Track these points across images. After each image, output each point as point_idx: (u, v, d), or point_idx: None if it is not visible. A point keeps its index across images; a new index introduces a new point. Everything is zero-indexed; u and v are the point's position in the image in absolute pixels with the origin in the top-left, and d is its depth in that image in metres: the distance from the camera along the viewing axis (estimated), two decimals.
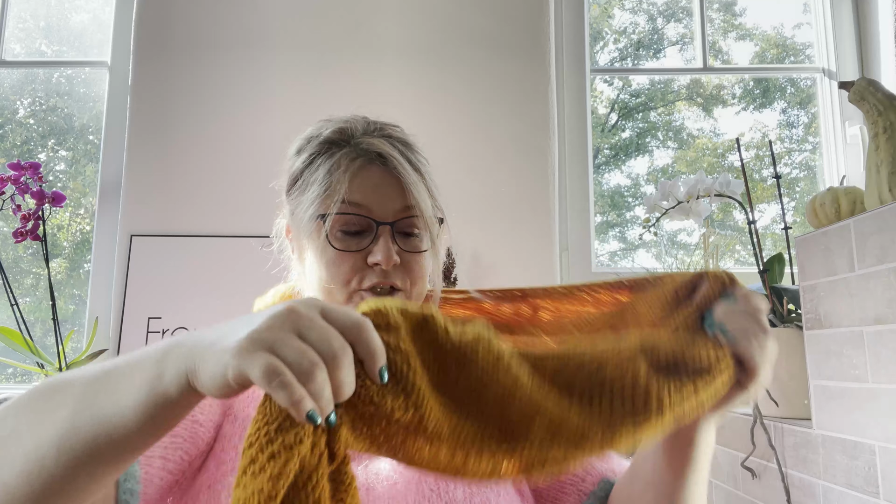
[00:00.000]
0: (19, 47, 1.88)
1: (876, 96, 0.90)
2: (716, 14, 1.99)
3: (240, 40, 1.66)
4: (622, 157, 1.99)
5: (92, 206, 1.77)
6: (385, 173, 0.68)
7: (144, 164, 1.59)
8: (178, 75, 1.64)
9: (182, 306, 1.50)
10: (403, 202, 0.67)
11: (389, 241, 0.66)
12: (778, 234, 1.80)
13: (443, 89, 1.65)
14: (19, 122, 1.87)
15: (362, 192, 0.67)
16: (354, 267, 0.67)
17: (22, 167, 1.38)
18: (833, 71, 1.78)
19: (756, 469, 1.00)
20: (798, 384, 0.98)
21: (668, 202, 1.39)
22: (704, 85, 1.94)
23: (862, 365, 0.77)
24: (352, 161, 0.68)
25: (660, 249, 1.87)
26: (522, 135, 1.63)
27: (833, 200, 0.96)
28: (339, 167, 0.68)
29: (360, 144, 0.69)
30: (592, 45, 1.88)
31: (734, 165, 1.88)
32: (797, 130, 1.92)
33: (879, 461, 0.74)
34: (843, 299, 0.80)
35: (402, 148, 0.70)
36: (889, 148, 0.85)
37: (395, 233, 0.67)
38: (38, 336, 1.70)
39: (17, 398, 0.45)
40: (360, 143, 0.69)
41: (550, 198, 1.60)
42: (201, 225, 1.57)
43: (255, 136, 1.61)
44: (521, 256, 1.57)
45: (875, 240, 0.75)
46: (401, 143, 0.71)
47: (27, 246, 1.75)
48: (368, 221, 0.67)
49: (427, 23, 1.68)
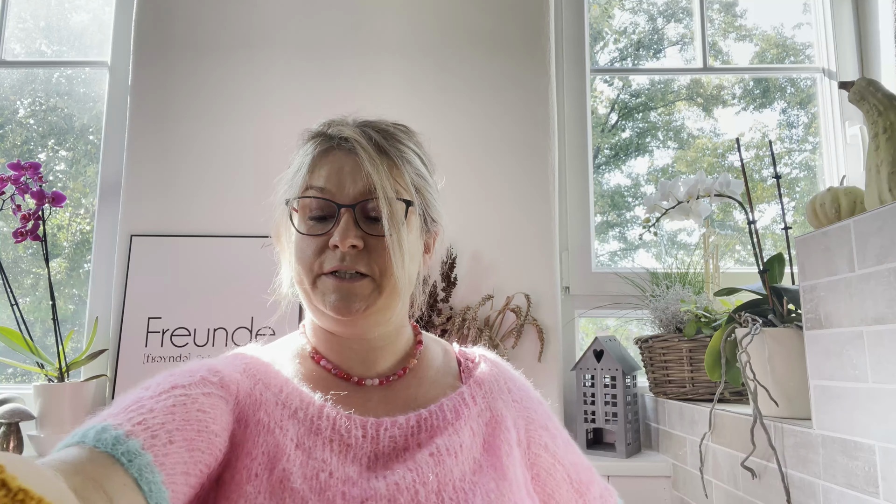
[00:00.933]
0: (19, 47, 1.88)
1: (876, 96, 0.90)
2: (716, 15, 1.99)
3: (240, 40, 1.66)
4: (622, 157, 1.99)
5: (92, 206, 1.77)
6: (346, 157, 0.68)
7: (144, 164, 1.59)
8: (178, 75, 1.64)
9: (182, 306, 1.50)
10: (364, 184, 0.67)
11: (350, 223, 0.66)
12: (778, 234, 1.80)
13: (443, 89, 1.65)
14: (19, 122, 1.87)
15: (324, 177, 0.68)
16: (317, 250, 0.67)
17: (22, 167, 1.38)
18: (833, 71, 1.78)
19: (756, 469, 1.00)
20: (798, 384, 0.98)
21: (668, 202, 1.39)
22: (704, 85, 1.94)
23: (862, 365, 0.77)
24: (320, 147, 0.70)
25: (660, 249, 1.87)
26: (522, 135, 1.63)
27: (833, 200, 0.96)
28: (308, 154, 0.70)
29: (331, 133, 0.70)
30: (592, 45, 1.88)
31: (734, 165, 1.88)
32: (797, 130, 1.92)
33: (879, 461, 0.74)
34: (843, 299, 0.80)
35: (376, 134, 0.70)
36: (889, 148, 0.85)
37: (358, 217, 0.67)
38: (38, 336, 1.70)
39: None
40: (332, 131, 0.70)
41: (550, 198, 1.60)
42: (201, 225, 1.57)
43: (256, 136, 1.61)
44: (521, 256, 1.57)
45: (875, 240, 0.75)
46: (378, 131, 0.71)
47: (27, 246, 1.75)
48: (331, 205, 0.67)
49: (427, 23, 1.68)
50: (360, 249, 0.66)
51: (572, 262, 1.67)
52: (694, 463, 1.21)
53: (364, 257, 0.66)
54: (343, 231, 0.65)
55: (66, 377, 1.41)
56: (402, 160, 0.70)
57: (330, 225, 0.67)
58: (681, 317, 1.35)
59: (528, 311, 1.51)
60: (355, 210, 0.67)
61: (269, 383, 0.66)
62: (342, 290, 0.66)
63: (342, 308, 0.65)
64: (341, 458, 0.62)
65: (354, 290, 0.66)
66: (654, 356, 1.39)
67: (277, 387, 0.67)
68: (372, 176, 0.66)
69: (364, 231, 0.67)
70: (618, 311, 1.62)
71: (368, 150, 0.68)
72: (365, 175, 0.67)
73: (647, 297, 1.45)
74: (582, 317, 1.68)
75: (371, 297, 0.67)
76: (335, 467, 0.61)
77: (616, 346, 1.45)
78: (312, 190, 0.68)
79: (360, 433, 0.64)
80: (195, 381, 0.60)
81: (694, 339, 1.30)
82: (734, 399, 1.23)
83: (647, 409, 1.49)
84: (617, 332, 1.79)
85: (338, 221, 0.66)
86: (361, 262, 0.66)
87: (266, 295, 0.78)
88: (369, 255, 0.66)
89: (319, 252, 0.67)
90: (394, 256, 0.66)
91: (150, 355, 1.46)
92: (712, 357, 1.12)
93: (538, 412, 0.76)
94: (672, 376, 1.35)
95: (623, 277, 1.61)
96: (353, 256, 0.66)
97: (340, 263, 0.65)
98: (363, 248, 0.66)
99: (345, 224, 0.65)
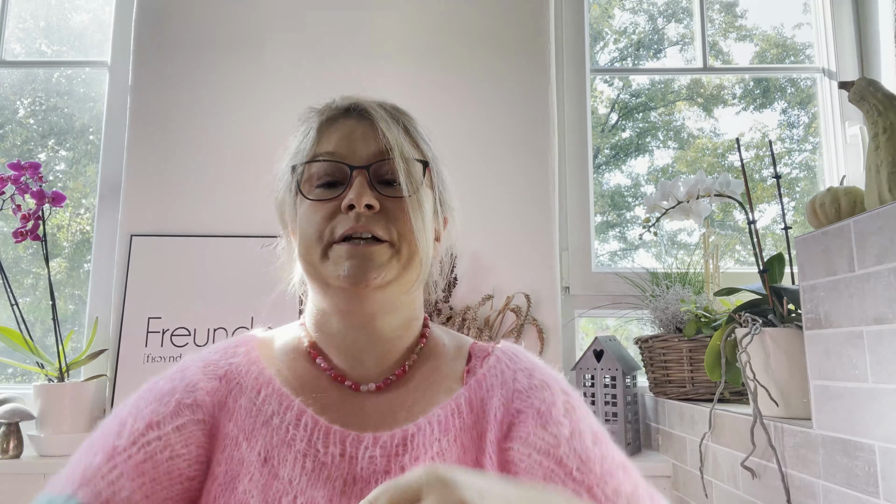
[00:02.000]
0: (19, 47, 1.88)
1: (876, 96, 0.90)
2: (716, 15, 1.99)
3: (240, 40, 1.66)
4: (622, 157, 1.99)
5: (92, 206, 1.77)
6: (358, 122, 0.65)
7: (144, 164, 1.59)
8: (178, 75, 1.64)
9: (182, 306, 1.50)
10: (378, 146, 0.63)
11: (365, 184, 0.61)
12: (778, 234, 1.80)
13: (443, 89, 1.65)
14: (19, 122, 1.87)
15: (334, 142, 0.64)
16: (327, 216, 0.62)
17: (22, 167, 1.38)
18: (833, 71, 1.78)
19: (756, 469, 1.00)
20: (798, 384, 0.98)
21: (668, 202, 1.39)
22: (705, 85, 1.94)
23: (862, 365, 0.77)
24: (325, 116, 0.67)
25: (660, 249, 1.87)
26: (522, 135, 1.63)
27: (833, 200, 0.96)
28: (313, 124, 0.67)
29: (335, 104, 0.67)
30: (592, 45, 1.88)
31: (734, 165, 1.88)
32: (797, 130, 1.92)
33: (879, 461, 0.74)
34: (843, 299, 0.80)
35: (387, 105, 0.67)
36: (889, 148, 0.85)
37: (372, 179, 0.62)
38: (38, 336, 1.70)
39: None
40: (337, 103, 0.67)
41: (550, 198, 1.60)
42: (201, 225, 1.57)
43: (256, 136, 1.61)
44: (521, 256, 1.57)
45: (875, 240, 0.75)
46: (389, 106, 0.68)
47: (27, 246, 1.75)
48: (342, 168, 0.62)
49: (427, 23, 1.68)
50: (376, 211, 0.61)
51: (572, 262, 1.67)
52: (694, 463, 1.21)
53: (381, 220, 0.61)
54: (358, 190, 0.60)
55: (66, 377, 1.41)
56: (415, 131, 0.67)
57: (338, 189, 0.62)
58: (681, 317, 1.35)
59: (528, 311, 1.51)
60: (369, 171, 0.62)
61: (247, 386, 0.63)
62: (357, 256, 0.59)
63: (358, 276, 0.59)
64: (312, 480, 0.57)
65: (371, 255, 0.60)
66: (654, 356, 1.39)
67: (256, 389, 0.63)
68: (387, 134, 0.62)
69: (380, 193, 0.62)
70: (618, 311, 1.62)
71: (380, 112, 0.64)
72: (380, 135, 0.63)
73: (647, 297, 1.45)
74: (582, 317, 1.68)
75: (389, 264, 0.61)
76: (301, 490, 0.57)
77: (616, 346, 1.45)
78: (322, 156, 0.64)
79: (338, 451, 0.59)
80: (170, 412, 0.59)
81: (694, 339, 1.30)
82: (734, 399, 1.23)
83: (647, 409, 1.49)
84: (617, 332, 1.79)
85: (350, 184, 0.61)
86: (378, 224, 0.60)
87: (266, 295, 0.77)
88: (386, 218, 0.61)
89: (331, 217, 0.62)
90: (414, 219, 0.61)
91: (150, 355, 1.46)
92: (712, 357, 1.12)
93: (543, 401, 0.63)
94: (672, 376, 1.35)
95: (623, 277, 1.61)
96: (369, 218, 0.60)
97: (356, 224, 0.60)
98: (379, 211, 0.61)
99: (359, 184, 0.61)
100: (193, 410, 0.60)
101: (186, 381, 0.63)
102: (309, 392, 0.63)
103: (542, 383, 0.65)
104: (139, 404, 0.61)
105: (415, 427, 0.61)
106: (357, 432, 0.60)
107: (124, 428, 0.58)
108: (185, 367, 0.65)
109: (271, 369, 0.65)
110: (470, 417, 0.63)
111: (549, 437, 0.60)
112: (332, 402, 0.63)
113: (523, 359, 0.69)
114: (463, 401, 0.64)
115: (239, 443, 0.59)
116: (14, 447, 1.36)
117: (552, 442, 0.60)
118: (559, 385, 0.66)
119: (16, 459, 1.35)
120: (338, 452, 0.59)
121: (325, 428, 0.60)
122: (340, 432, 0.60)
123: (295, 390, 0.63)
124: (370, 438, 0.60)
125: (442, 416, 0.62)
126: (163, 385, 0.63)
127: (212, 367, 0.65)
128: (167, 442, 0.58)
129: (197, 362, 0.65)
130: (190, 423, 0.59)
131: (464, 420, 0.63)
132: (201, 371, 0.64)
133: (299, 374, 0.66)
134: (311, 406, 0.62)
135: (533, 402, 0.63)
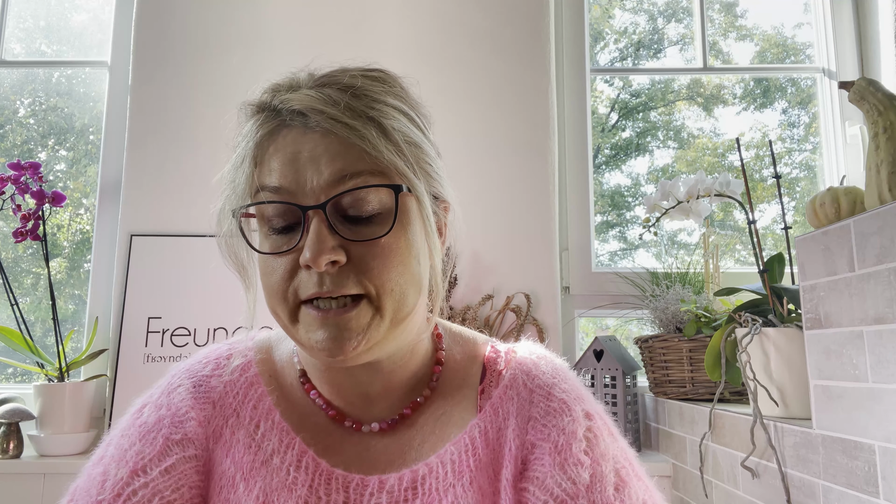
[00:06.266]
0: (19, 47, 1.88)
1: (876, 96, 0.90)
2: (716, 14, 1.99)
3: (240, 40, 1.66)
4: (622, 157, 1.99)
5: (92, 206, 1.77)
6: (305, 137, 0.50)
7: (144, 164, 1.59)
8: (178, 75, 1.64)
9: (182, 306, 1.50)
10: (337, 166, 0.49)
11: (323, 231, 0.48)
12: (778, 234, 1.80)
13: (443, 89, 1.65)
14: (19, 122, 1.87)
15: (279, 170, 0.50)
16: (286, 275, 0.50)
17: (22, 167, 1.38)
18: (833, 71, 1.78)
19: (756, 469, 1.00)
20: (798, 384, 0.98)
21: (668, 202, 1.39)
22: (705, 85, 1.94)
23: (862, 365, 0.77)
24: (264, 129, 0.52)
25: (660, 249, 1.87)
26: (522, 135, 1.63)
27: (833, 200, 0.96)
28: (250, 139, 0.52)
29: (276, 104, 0.52)
30: (593, 45, 1.88)
31: (734, 165, 1.88)
32: (797, 130, 1.92)
33: (879, 461, 0.74)
34: (843, 299, 0.80)
35: (340, 96, 0.50)
36: (889, 148, 0.85)
37: (332, 219, 0.49)
38: (38, 336, 1.70)
39: None
40: (279, 101, 0.52)
41: (550, 198, 1.60)
42: (201, 225, 1.57)
43: None
44: (521, 256, 1.57)
45: (875, 240, 0.75)
46: (344, 89, 0.52)
47: (27, 246, 1.75)
48: (292, 209, 0.49)
49: (427, 23, 1.68)
50: (342, 264, 0.49)
51: (572, 261, 1.67)
52: (694, 463, 1.21)
53: (351, 273, 0.49)
54: (314, 243, 0.47)
55: (66, 377, 1.41)
56: (383, 130, 0.51)
57: (295, 235, 0.50)
58: (681, 317, 1.35)
59: (528, 311, 1.51)
60: (326, 211, 0.49)
61: (245, 416, 0.57)
62: (329, 326, 0.49)
63: (333, 349, 0.49)
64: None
65: (346, 323, 0.49)
66: (654, 356, 1.39)
67: (255, 422, 0.57)
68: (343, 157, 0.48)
69: (344, 237, 0.49)
70: (618, 311, 1.62)
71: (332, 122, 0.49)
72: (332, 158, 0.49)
73: (647, 297, 1.45)
74: (582, 317, 1.68)
75: (371, 326, 0.50)
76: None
77: (616, 345, 1.45)
78: (265, 192, 0.50)
79: (342, 498, 0.53)
80: (156, 453, 0.54)
81: (694, 339, 1.30)
82: (734, 399, 1.23)
83: (647, 408, 1.49)
84: (617, 332, 1.79)
85: (305, 230, 0.48)
86: (349, 280, 0.49)
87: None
88: (357, 269, 0.49)
89: (291, 274, 0.50)
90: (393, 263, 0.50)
91: (150, 355, 1.46)
92: (712, 357, 1.12)
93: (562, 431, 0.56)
94: (672, 376, 1.35)
95: (623, 277, 1.61)
96: (336, 276, 0.49)
97: (320, 289, 0.48)
98: (347, 262, 0.49)
99: (315, 233, 0.48)
100: (184, 447, 0.55)
101: (174, 409, 0.57)
102: (309, 430, 0.57)
103: (560, 406, 0.57)
104: (122, 445, 0.56)
105: (426, 468, 0.55)
106: (362, 475, 0.55)
107: (108, 478, 0.53)
108: (173, 389, 0.59)
109: (272, 396, 0.59)
110: (485, 453, 0.56)
111: (567, 484, 0.53)
112: (333, 443, 0.57)
113: (541, 372, 0.61)
114: (477, 433, 0.57)
115: (236, 483, 0.54)
116: (14, 447, 1.36)
117: (570, 491, 0.52)
118: (581, 406, 0.58)
119: (16, 459, 1.35)
120: (341, 500, 0.53)
121: (326, 472, 0.54)
122: (343, 477, 0.54)
123: (295, 425, 0.57)
124: (376, 483, 0.54)
125: (455, 455, 0.55)
126: (148, 416, 0.58)
127: (203, 387, 0.59)
128: (155, 489, 0.52)
129: (186, 381, 0.60)
130: (180, 463, 0.54)
131: (479, 458, 0.56)
132: (191, 395, 0.58)
133: (298, 405, 0.59)
134: (312, 446, 0.56)
135: (550, 433, 0.56)
